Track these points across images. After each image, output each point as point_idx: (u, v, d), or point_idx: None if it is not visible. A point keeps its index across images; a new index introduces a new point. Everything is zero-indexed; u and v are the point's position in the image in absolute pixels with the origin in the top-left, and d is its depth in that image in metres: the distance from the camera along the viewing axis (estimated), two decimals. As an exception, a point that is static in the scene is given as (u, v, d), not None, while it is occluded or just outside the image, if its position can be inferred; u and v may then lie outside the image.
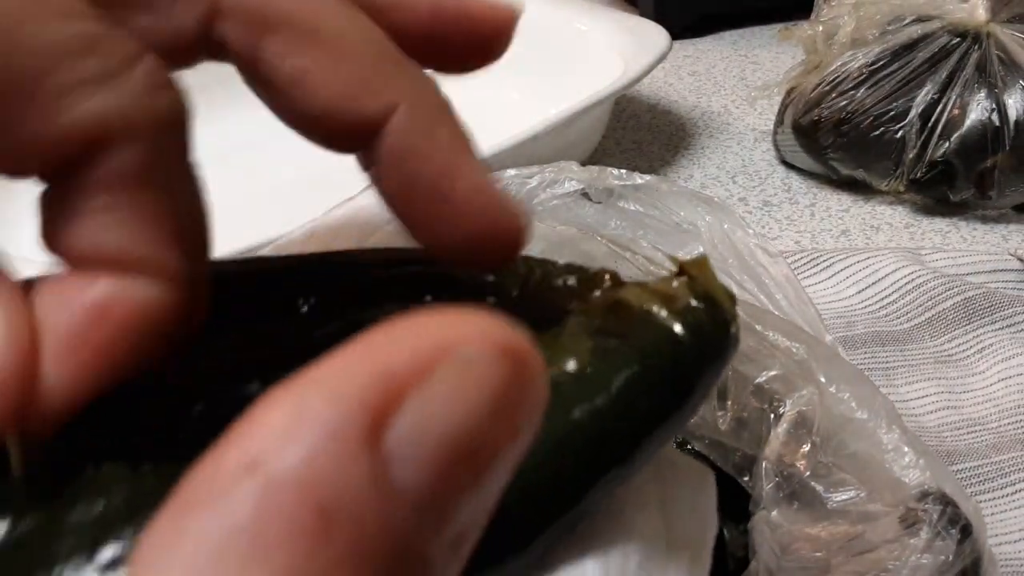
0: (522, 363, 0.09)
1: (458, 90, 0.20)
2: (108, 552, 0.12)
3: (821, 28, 0.60)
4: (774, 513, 0.24)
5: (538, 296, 0.17)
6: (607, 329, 0.16)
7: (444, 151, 0.16)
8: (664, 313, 0.16)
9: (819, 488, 0.25)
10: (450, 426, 0.09)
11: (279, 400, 0.09)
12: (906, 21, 0.58)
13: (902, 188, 0.57)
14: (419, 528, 0.09)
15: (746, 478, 0.25)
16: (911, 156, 0.56)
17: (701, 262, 0.16)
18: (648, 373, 0.15)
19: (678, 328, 0.16)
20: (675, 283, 0.16)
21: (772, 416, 0.25)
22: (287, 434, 0.08)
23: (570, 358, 0.15)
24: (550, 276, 0.18)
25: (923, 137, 0.56)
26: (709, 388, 0.16)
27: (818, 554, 0.24)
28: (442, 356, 0.09)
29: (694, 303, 0.16)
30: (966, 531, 0.29)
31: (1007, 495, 0.37)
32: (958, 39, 0.57)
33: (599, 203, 0.33)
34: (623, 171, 0.33)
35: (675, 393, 0.16)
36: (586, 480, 0.15)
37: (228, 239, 0.21)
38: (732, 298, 0.16)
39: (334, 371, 0.09)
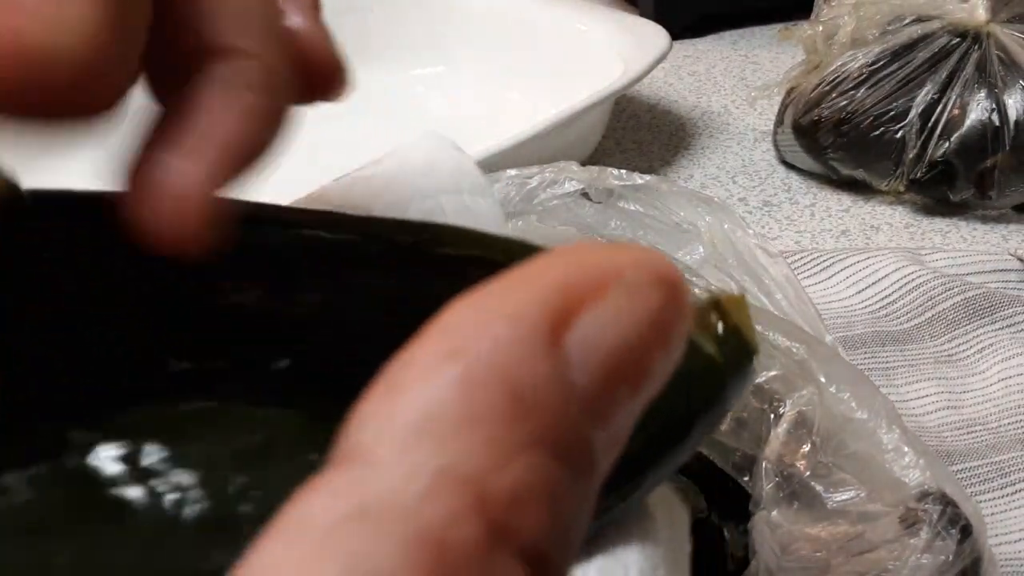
0: (675, 290, 0.11)
1: (459, 90, 0.20)
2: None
3: (821, 28, 0.60)
4: (774, 513, 0.24)
5: None
6: None
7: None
8: (703, 338, 0.17)
9: (819, 488, 0.25)
10: (618, 338, 0.10)
11: (471, 304, 0.10)
12: (906, 21, 0.58)
13: (902, 188, 0.57)
14: (588, 425, 0.10)
15: (746, 478, 0.25)
16: (911, 156, 0.56)
17: (738, 300, 0.18)
18: (681, 378, 0.16)
19: (710, 347, 0.17)
20: (711, 313, 0.18)
21: (772, 416, 0.25)
22: (482, 329, 0.10)
23: None
24: None
25: (923, 137, 0.56)
26: (730, 405, 0.18)
27: (818, 554, 0.24)
28: (613, 278, 0.10)
29: (725, 331, 0.17)
30: (966, 531, 0.29)
31: (1007, 495, 0.37)
32: (958, 39, 0.57)
33: (599, 203, 0.33)
34: (623, 171, 0.33)
35: (703, 401, 0.17)
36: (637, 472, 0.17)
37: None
38: (757, 338, 0.18)
39: (518, 283, 0.10)
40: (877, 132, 0.57)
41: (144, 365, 0.15)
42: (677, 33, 0.71)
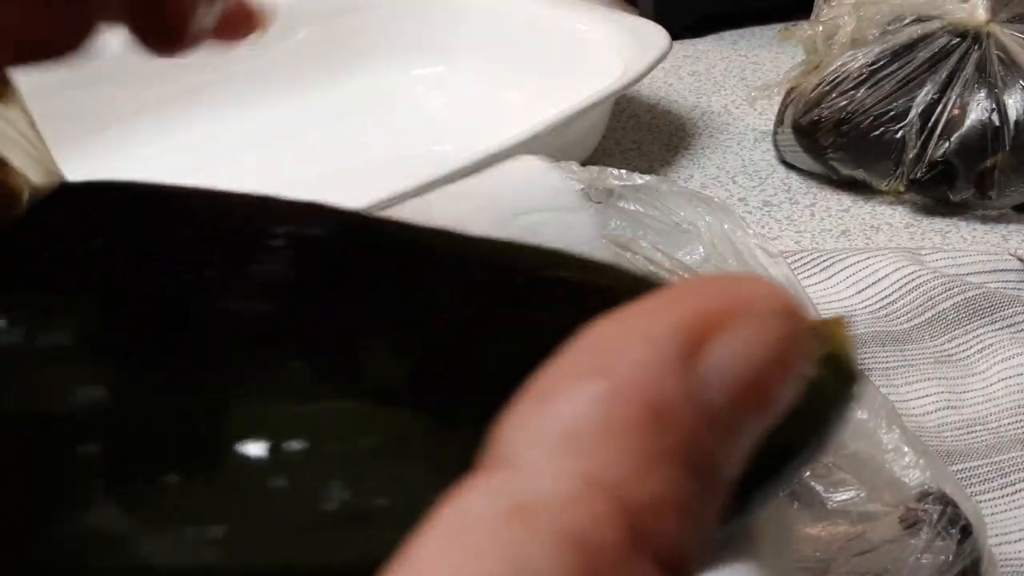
0: (796, 320, 0.12)
1: (459, 90, 0.20)
2: None
3: (821, 28, 0.60)
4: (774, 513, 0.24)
5: None
6: None
7: None
8: None
9: (819, 488, 0.25)
10: (748, 363, 0.11)
11: (613, 325, 0.11)
12: (906, 21, 0.58)
13: (902, 188, 0.57)
14: (717, 443, 0.11)
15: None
16: (911, 156, 0.56)
17: (837, 323, 0.18)
18: (790, 416, 0.17)
19: (812, 374, 0.17)
20: (812, 338, 0.18)
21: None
22: (625, 349, 0.11)
23: None
24: None
25: (923, 137, 0.56)
26: (833, 432, 0.18)
27: (818, 554, 0.24)
28: (743, 307, 0.11)
29: (826, 357, 0.17)
30: (966, 531, 0.29)
31: (1007, 495, 0.37)
32: (958, 39, 0.57)
33: (599, 203, 0.33)
34: (623, 171, 0.33)
35: (807, 428, 0.17)
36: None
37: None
38: (857, 364, 0.18)
39: (656, 308, 0.11)
40: (877, 132, 0.57)
41: (283, 362, 0.16)
42: (677, 33, 0.71)
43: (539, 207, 0.25)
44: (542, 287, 0.19)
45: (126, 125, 0.65)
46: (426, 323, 0.17)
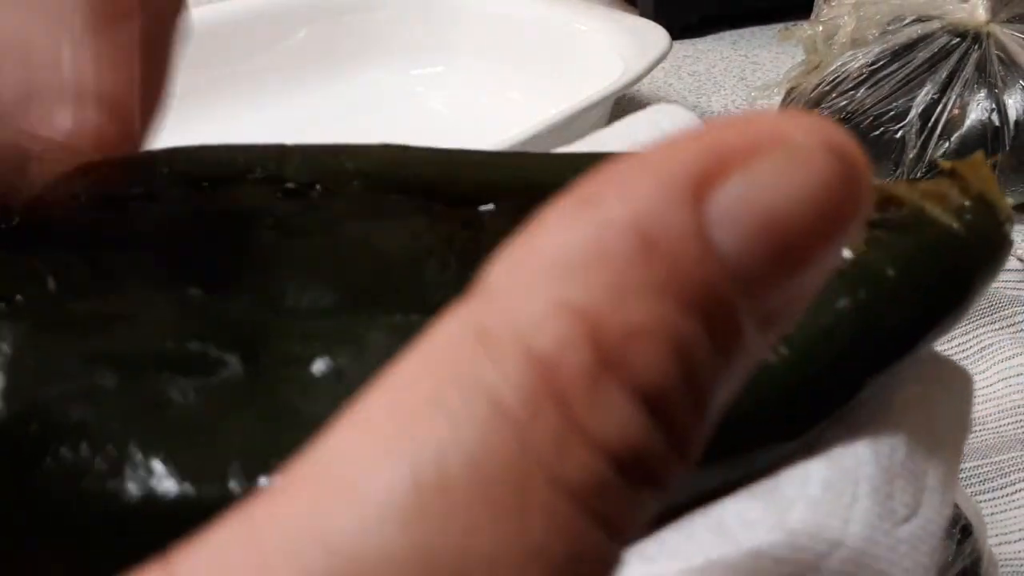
0: (851, 163, 0.10)
1: (459, 90, 0.20)
2: None
3: (821, 28, 0.60)
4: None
5: None
6: (879, 222, 0.16)
7: None
8: (939, 210, 0.16)
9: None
10: (773, 206, 0.09)
11: (617, 159, 0.10)
12: (906, 21, 0.58)
13: (902, 188, 0.57)
14: (732, 293, 0.09)
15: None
16: (911, 156, 0.56)
17: (977, 163, 0.16)
18: (925, 267, 0.15)
19: (955, 225, 0.16)
20: (948, 185, 0.16)
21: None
22: (619, 179, 0.10)
23: None
24: None
25: (923, 137, 0.56)
26: (983, 288, 0.16)
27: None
28: (773, 142, 0.10)
29: (968, 203, 0.16)
30: (966, 531, 0.29)
31: (1007, 495, 0.37)
32: (958, 39, 0.57)
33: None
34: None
35: (951, 289, 0.16)
36: (856, 374, 0.15)
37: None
38: (1005, 201, 0.16)
39: (669, 142, 0.10)
40: (877, 132, 0.57)
41: (341, 283, 0.16)
42: (677, 33, 0.71)
43: None
44: None
45: (126, 125, 0.65)
46: (492, 239, 0.17)
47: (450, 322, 0.10)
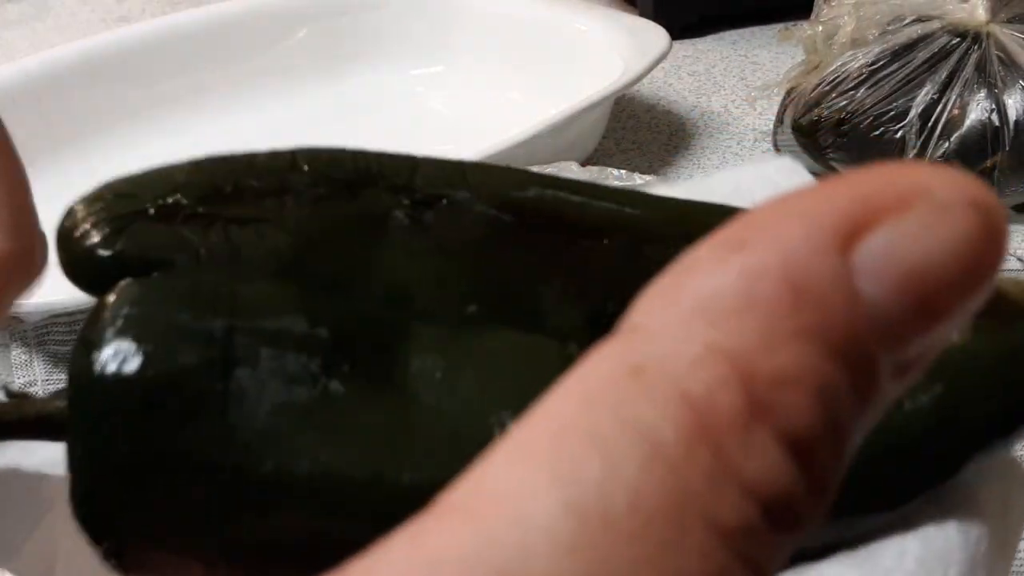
0: (992, 218, 0.10)
1: (459, 90, 0.20)
2: None
3: (821, 28, 0.60)
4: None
5: None
6: (985, 312, 0.17)
7: None
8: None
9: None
10: (917, 257, 0.10)
11: (767, 204, 0.10)
12: (906, 21, 0.58)
13: (902, 188, 0.57)
14: (873, 338, 0.10)
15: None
16: (911, 156, 0.56)
17: None
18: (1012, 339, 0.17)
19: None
20: None
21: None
22: (770, 225, 0.10)
23: None
24: None
25: (923, 137, 0.56)
26: None
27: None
28: (918, 195, 0.10)
29: None
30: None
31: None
32: (958, 39, 0.57)
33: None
34: (623, 171, 0.33)
35: None
36: (959, 454, 0.16)
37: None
38: None
39: (813, 192, 0.10)
40: (877, 132, 0.57)
41: (463, 299, 0.17)
42: (677, 33, 0.71)
43: None
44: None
45: (125, 126, 0.65)
46: (604, 272, 0.18)
47: (606, 357, 0.10)
